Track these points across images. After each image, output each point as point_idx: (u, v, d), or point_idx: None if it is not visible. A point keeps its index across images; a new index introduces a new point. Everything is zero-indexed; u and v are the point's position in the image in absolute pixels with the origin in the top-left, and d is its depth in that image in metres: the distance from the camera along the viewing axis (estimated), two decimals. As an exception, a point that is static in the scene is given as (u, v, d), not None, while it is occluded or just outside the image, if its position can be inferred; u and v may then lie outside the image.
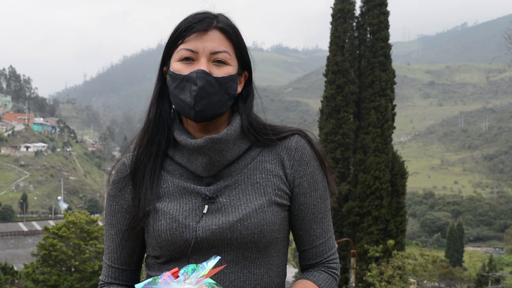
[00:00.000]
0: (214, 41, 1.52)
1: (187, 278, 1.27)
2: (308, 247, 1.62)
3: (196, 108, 1.49)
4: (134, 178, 1.58)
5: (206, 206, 1.52)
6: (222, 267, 1.36)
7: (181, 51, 1.52)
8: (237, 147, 1.56)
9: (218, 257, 1.30)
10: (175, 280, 1.28)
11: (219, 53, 1.51)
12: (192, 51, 1.51)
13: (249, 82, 1.64)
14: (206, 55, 1.51)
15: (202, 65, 1.49)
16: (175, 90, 1.52)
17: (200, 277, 1.27)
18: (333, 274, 1.62)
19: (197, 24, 1.52)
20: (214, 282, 1.27)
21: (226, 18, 1.57)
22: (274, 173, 1.56)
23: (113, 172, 1.65)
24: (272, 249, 1.55)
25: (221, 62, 1.52)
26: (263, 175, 1.55)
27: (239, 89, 1.60)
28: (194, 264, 1.31)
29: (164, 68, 1.60)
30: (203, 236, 1.48)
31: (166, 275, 1.29)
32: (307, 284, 1.56)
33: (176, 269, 1.31)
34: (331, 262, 1.63)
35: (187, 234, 1.49)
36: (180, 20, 1.56)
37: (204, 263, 1.30)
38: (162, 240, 1.50)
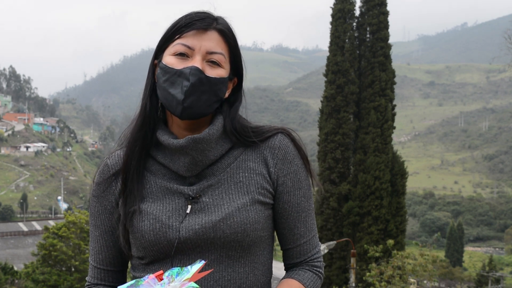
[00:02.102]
0: (212, 41, 1.52)
1: (172, 281, 1.27)
2: (292, 245, 1.62)
3: (185, 104, 1.48)
4: (122, 177, 1.58)
5: (189, 206, 1.52)
6: (208, 271, 1.35)
7: (177, 45, 1.52)
8: (220, 147, 1.56)
9: (203, 261, 1.31)
10: (159, 283, 1.28)
11: (214, 54, 1.52)
12: (188, 47, 1.51)
13: (238, 88, 1.64)
14: (202, 53, 1.51)
15: (196, 62, 1.49)
16: (164, 84, 1.52)
17: (184, 280, 1.27)
18: (317, 272, 1.62)
19: (198, 22, 1.52)
20: (198, 286, 1.27)
21: (226, 21, 1.58)
22: (257, 172, 1.56)
23: (96, 173, 1.65)
24: (257, 247, 1.54)
25: (215, 63, 1.52)
26: (246, 174, 1.55)
27: (227, 94, 1.60)
28: (179, 268, 1.30)
29: (155, 61, 1.59)
30: (186, 236, 1.48)
31: (150, 278, 1.29)
32: (293, 283, 1.56)
33: (161, 272, 1.31)
34: (315, 260, 1.63)
35: (170, 235, 1.48)
36: (180, 16, 1.56)
37: (189, 267, 1.29)
38: (146, 240, 1.50)
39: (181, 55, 1.51)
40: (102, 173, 1.63)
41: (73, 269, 25.20)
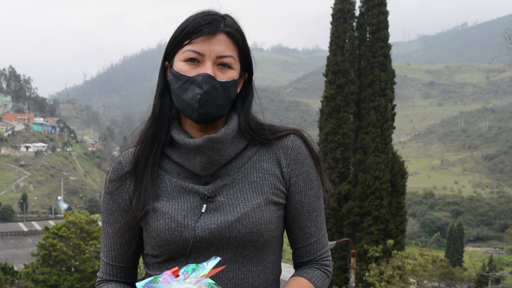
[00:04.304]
0: (221, 45, 1.53)
1: (187, 278, 1.29)
2: (302, 244, 1.64)
3: (200, 111, 1.51)
4: (136, 176, 1.60)
5: (205, 206, 1.54)
6: (222, 267, 1.39)
7: (187, 52, 1.53)
8: (235, 146, 1.58)
9: (218, 258, 1.33)
10: (175, 279, 1.30)
11: (225, 58, 1.53)
12: (198, 53, 1.52)
13: (248, 82, 1.66)
14: (212, 58, 1.52)
15: (208, 68, 1.51)
16: (178, 90, 1.54)
17: (200, 277, 1.29)
18: (326, 271, 1.65)
19: (205, 27, 1.52)
20: (214, 282, 1.29)
21: (234, 21, 1.58)
22: (270, 172, 1.58)
23: (109, 170, 1.66)
24: (269, 247, 1.57)
25: (225, 66, 1.54)
26: (260, 174, 1.58)
27: (238, 90, 1.62)
28: (194, 264, 1.33)
29: (166, 63, 1.61)
30: (202, 235, 1.50)
31: (167, 274, 1.31)
32: (301, 281, 1.59)
33: (176, 268, 1.33)
34: (324, 259, 1.66)
35: (186, 234, 1.51)
36: (187, 18, 1.57)
37: (204, 263, 1.32)
38: (161, 239, 1.52)
39: (192, 61, 1.53)
40: (115, 170, 1.64)
41: (73, 269, 25.20)
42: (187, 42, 1.53)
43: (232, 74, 1.55)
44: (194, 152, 1.55)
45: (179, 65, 1.54)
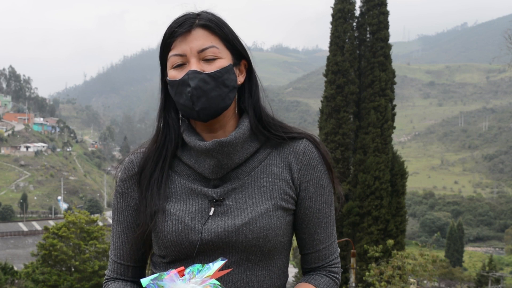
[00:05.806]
0: (199, 39, 1.52)
1: (193, 278, 1.29)
2: (311, 251, 1.63)
3: (196, 108, 1.50)
4: (140, 179, 1.60)
5: (213, 209, 1.53)
6: (228, 270, 1.38)
7: (171, 58, 1.54)
8: (245, 150, 1.57)
9: (225, 260, 1.33)
10: (180, 278, 1.30)
11: (206, 50, 1.52)
12: (180, 55, 1.53)
13: (250, 70, 1.64)
14: (194, 55, 1.51)
15: (193, 65, 1.50)
16: (175, 97, 1.54)
17: (205, 277, 1.29)
18: (334, 278, 1.64)
19: (178, 28, 1.53)
20: (219, 283, 1.29)
21: (209, 13, 1.57)
22: (281, 177, 1.57)
23: (120, 169, 1.66)
24: (276, 252, 1.56)
25: (211, 58, 1.52)
26: (270, 179, 1.56)
27: (242, 78, 1.61)
28: (200, 264, 1.33)
29: (167, 79, 1.61)
30: (208, 238, 1.50)
31: (172, 273, 1.31)
32: None
33: (182, 267, 1.33)
34: (333, 266, 1.65)
35: (192, 236, 1.50)
36: (165, 28, 1.58)
37: (210, 264, 1.32)
38: (168, 240, 1.52)
39: (179, 65, 1.53)
40: (127, 169, 1.63)
41: (73, 269, 25.18)
42: (168, 49, 1.55)
43: (220, 63, 1.52)
44: (203, 155, 1.54)
45: (170, 73, 1.55)
